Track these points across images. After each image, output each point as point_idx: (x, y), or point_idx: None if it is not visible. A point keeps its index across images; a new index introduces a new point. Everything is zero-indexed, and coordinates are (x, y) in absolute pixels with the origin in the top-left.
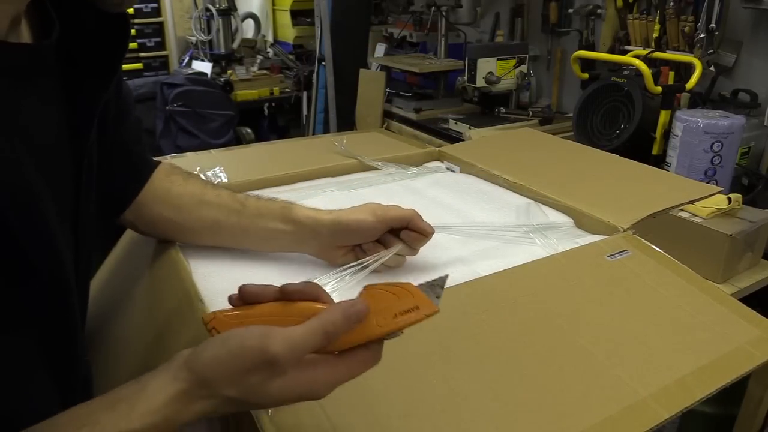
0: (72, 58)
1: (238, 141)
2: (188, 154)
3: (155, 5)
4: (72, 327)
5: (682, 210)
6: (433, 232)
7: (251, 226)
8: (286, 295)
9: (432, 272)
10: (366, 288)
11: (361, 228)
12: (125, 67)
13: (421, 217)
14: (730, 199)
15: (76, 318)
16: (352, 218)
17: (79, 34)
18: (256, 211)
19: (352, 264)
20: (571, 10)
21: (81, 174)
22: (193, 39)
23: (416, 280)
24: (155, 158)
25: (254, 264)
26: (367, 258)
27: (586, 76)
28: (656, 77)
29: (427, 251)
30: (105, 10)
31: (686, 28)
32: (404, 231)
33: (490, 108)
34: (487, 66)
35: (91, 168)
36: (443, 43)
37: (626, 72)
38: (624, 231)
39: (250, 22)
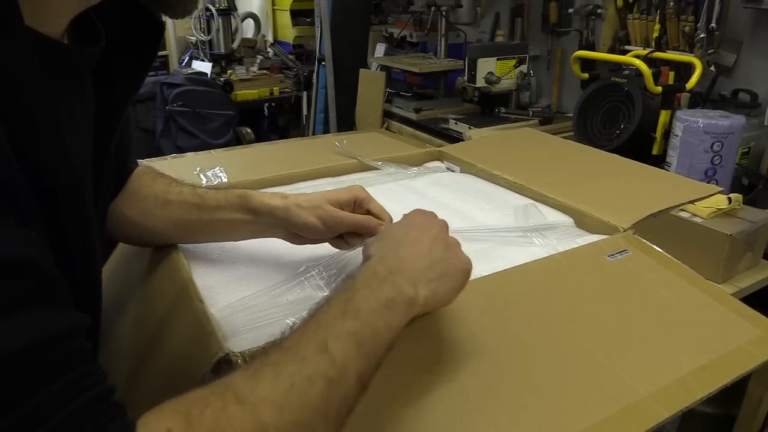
0: (106, 61)
1: (238, 141)
2: (188, 154)
3: None
4: (96, 322)
5: (682, 210)
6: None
7: (212, 220)
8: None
9: None
10: None
11: (308, 232)
12: None
13: (377, 218)
14: (730, 199)
15: (99, 314)
16: (300, 221)
17: (119, 39)
18: (215, 204)
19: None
20: (571, 10)
21: (102, 175)
22: (193, 39)
23: None
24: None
25: (253, 261)
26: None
27: (586, 76)
28: (656, 77)
29: None
30: (157, 16)
31: (686, 28)
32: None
33: (490, 108)
34: (487, 66)
35: (110, 170)
36: (443, 43)
37: (626, 72)
38: (624, 231)
39: (250, 22)
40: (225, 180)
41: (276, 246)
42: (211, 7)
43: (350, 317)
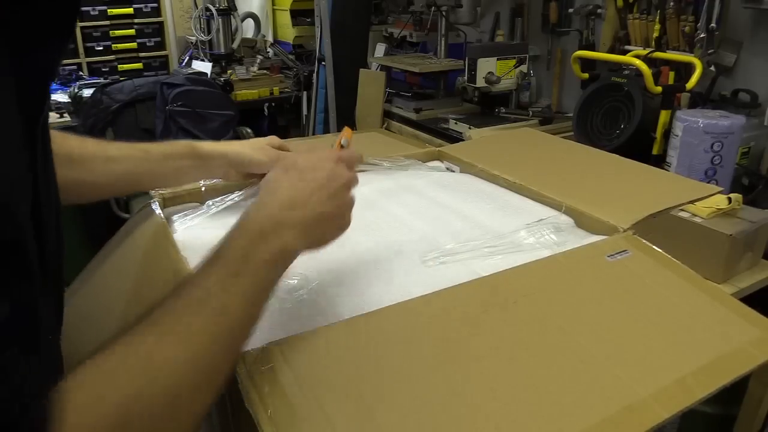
0: (19, 21)
1: None
2: None
3: (155, 5)
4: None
5: (682, 210)
6: None
7: (160, 169)
8: None
9: (434, 276)
10: None
11: (262, 168)
12: (125, 66)
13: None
14: (730, 199)
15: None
16: (255, 158)
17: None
18: (161, 155)
19: None
20: (571, 10)
21: (35, 149)
22: (193, 39)
23: (415, 280)
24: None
25: None
26: None
27: (586, 76)
28: (656, 77)
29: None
30: None
31: (686, 28)
32: None
33: (490, 108)
34: (487, 66)
35: (46, 147)
36: (443, 43)
37: (626, 72)
38: (624, 231)
39: (250, 22)
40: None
41: None
42: (211, 7)
43: (242, 276)
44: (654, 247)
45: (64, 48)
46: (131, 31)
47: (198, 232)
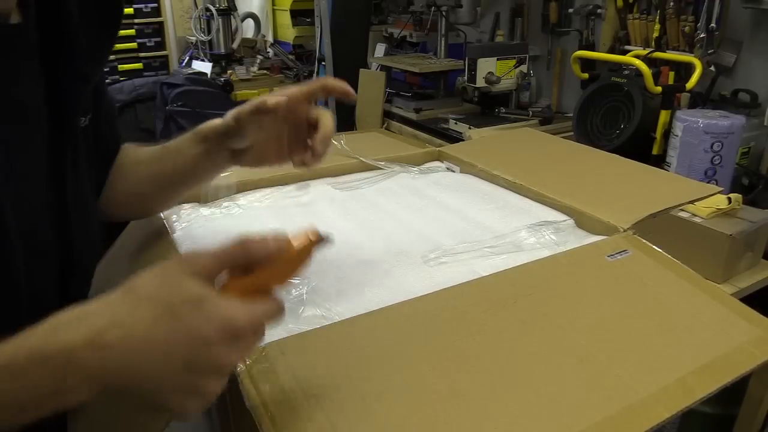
0: (57, 38)
1: None
2: None
3: (155, 5)
4: (12, 309)
5: (682, 210)
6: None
7: (176, 164)
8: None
9: (434, 276)
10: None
11: (255, 114)
12: (125, 67)
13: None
14: (730, 199)
15: (18, 298)
16: (243, 108)
17: (62, 14)
18: (175, 147)
19: None
20: (571, 10)
21: (65, 159)
22: (193, 39)
23: (415, 283)
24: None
25: None
26: None
27: (586, 76)
28: (656, 77)
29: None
30: None
31: (686, 28)
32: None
33: (490, 108)
34: (487, 66)
35: (78, 157)
36: (443, 43)
37: (626, 72)
38: (624, 231)
39: (250, 22)
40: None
41: None
42: (211, 7)
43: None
44: (654, 247)
45: (102, 63)
46: (131, 31)
47: (197, 232)
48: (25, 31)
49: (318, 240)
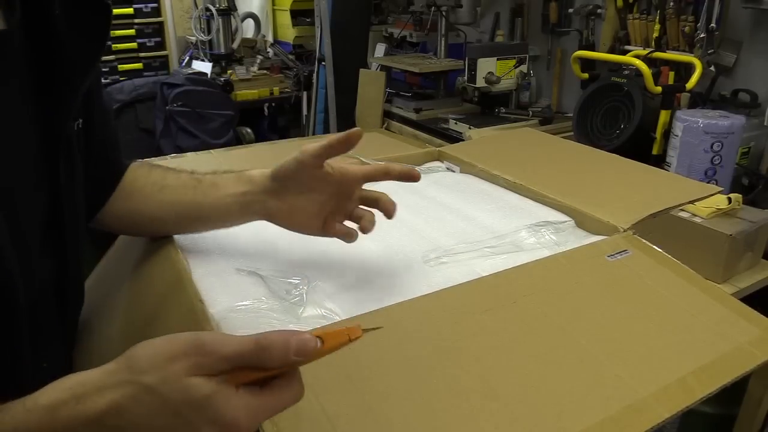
0: (44, 44)
1: (238, 141)
2: (188, 154)
3: (155, 5)
4: (12, 329)
5: (682, 210)
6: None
7: (206, 199)
8: None
9: (434, 276)
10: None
11: (299, 169)
12: (125, 67)
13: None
14: (730, 199)
15: (19, 320)
16: (286, 161)
17: (49, 20)
18: (211, 182)
19: None
20: (571, 10)
21: (57, 165)
22: (193, 39)
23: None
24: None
25: (254, 258)
26: None
27: (586, 76)
28: (656, 77)
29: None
30: None
31: (686, 28)
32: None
33: (490, 108)
34: (487, 66)
35: (73, 163)
36: (443, 43)
37: (626, 72)
38: (624, 231)
39: (250, 22)
40: None
41: (274, 244)
42: (211, 7)
43: None
44: (654, 247)
45: (91, 71)
46: (131, 31)
47: (202, 242)
48: (10, 37)
49: (356, 339)
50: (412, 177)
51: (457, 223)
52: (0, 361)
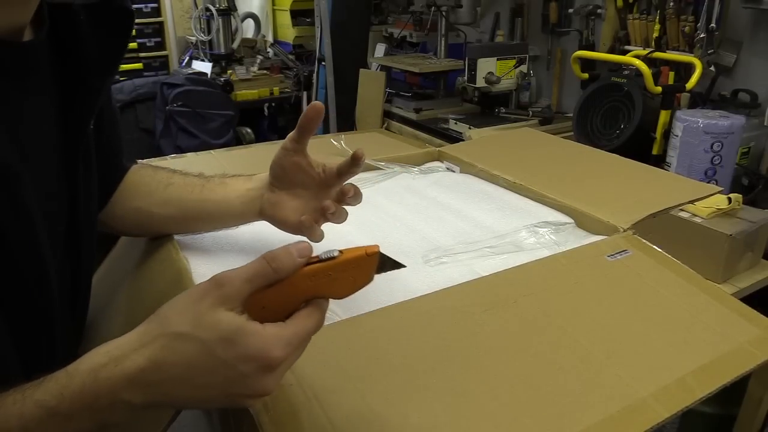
0: (69, 53)
1: (238, 141)
2: (188, 154)
3: (155, 5)
4: (46, 321)
5: (682, 210)
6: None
7: (212, 196)
8: None
9: (434, 276)
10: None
11: (285, 156)
12: (125, 67)
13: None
14: (730, 199)
15: (53, 311)
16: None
17: (75, 30)
18: (220, 181)
19: None
20: (571, 10)
21: (76, 169)
22: (193, 39)
23: (415, 285)
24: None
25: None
26: None
27: (586, 76)
28: (656, 77)
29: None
30: (126, 5)
31: (686, 28)
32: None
33: (490, 108)
34: (487, 66)
35: (89, 166)
36: (443, 43)
37: (626, 72)
38: (624, 231)
39: (250, 22)
40: None
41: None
42: (211, 7)
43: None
44: (654, 246)
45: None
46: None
47: (201, 242)
48: (37, 48)
49: (374, 255)
50: (357, 157)
51: (457, 223)
52: (38, 348)
